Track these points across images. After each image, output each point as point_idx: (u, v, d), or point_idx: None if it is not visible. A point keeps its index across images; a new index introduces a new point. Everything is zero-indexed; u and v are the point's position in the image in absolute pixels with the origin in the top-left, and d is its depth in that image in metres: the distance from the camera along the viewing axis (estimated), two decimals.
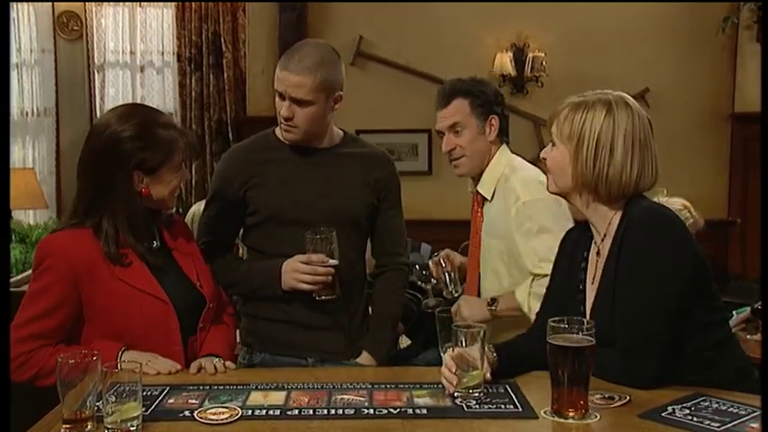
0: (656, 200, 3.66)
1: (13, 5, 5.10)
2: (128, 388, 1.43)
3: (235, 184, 2.12)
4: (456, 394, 1.56)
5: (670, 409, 1.45)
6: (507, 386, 1.63)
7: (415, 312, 2.82)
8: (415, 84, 5.01)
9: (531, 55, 4.95)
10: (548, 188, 1.74)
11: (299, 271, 2.00)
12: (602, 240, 1.68)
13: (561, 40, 4.99)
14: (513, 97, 5.00)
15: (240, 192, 2.11)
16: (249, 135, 4.84)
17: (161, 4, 5.29)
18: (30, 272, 3.21)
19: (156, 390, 1.61)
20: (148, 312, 1.80)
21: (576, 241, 1.78)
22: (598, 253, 1.70)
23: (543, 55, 4.95)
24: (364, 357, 2.12)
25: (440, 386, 1.62)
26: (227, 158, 2.19)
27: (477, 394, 1.55)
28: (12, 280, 3.01)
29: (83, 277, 1.77)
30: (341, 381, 1.67)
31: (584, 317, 1.65)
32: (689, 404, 1.47)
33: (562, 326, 1.47)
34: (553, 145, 1.70)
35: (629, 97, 1.70)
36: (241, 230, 2.23)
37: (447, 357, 1.58)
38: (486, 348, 1.58)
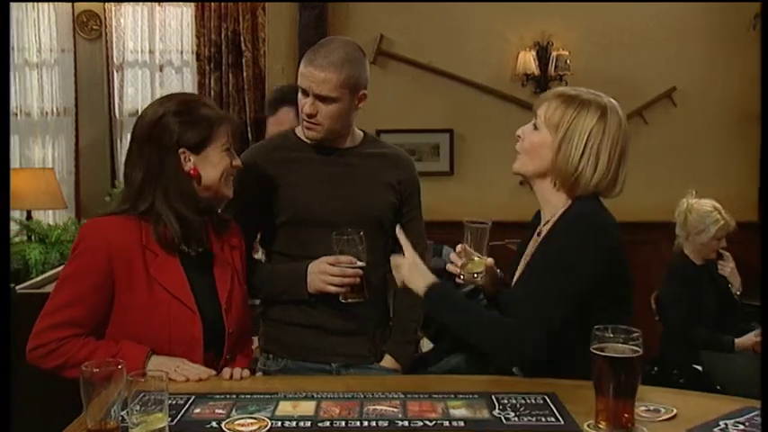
0: (684, 201, 3.59)
1: (34, 5, 5.10)
2: (154, 397, 1.38)
3: (256, 184, 2.06)
4: (461, 277, 1.79)
5: (722, 424, 1.37)
6: (546, 397, 1.56)
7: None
8: (437, 83, 4.94)
9: (554, 53, 4.85)
10: (515, 168, 1.78)
11: (326, 273, 1.95)
12: (545, 224, 1.75)
13: (586, 38, 4.88)
14: (537, 96, 4.91)
15: (262, 192, 2.06)
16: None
17: (180, 3, 5.26)
18: (50, 272, 3.21)
19: (180, 399, 1.56)
20: (175, 319, 1.75)
21: (532, 228, 1.86)
22: (539, 234, 1.76)
23: (567, 53, 4.85)
24: (387, 361, 2.08)
25: (476, 396, 1.57)
26: (248, 158, 2.11)
27: (479, 279, 1.79)
28: (33, 281, 2.98)
29: (117, 269, 1.73)
30: (372, 390, 1.61)
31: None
32: (742, 419, 1.39)
33: (607, 335, 1.40)
34: (535, 128, 1.72)
35: (619, 106, 1.75)
36: (259, 233, 2.18)
37: (458, 247, 1.77)
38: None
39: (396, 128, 4.62)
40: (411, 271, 1.82)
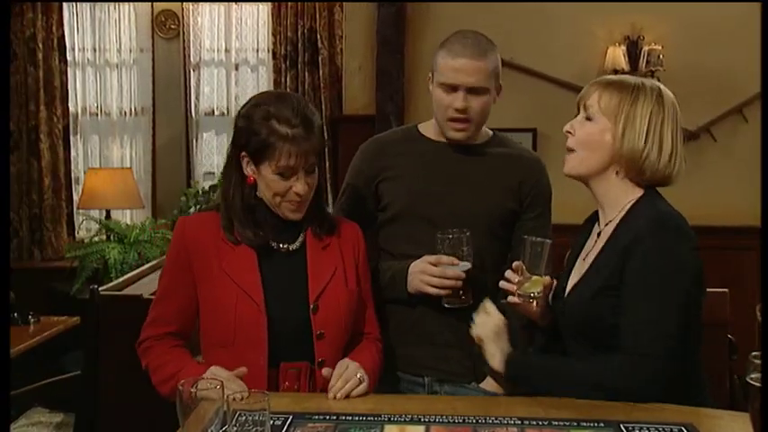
0: None
1: (115, 6, 5.13)
2: (253, 418, 1.28)
3: (368, 175, 2.00)
4: (516, 297, 1.66)
5: None
6: (684, 429, 1.40)
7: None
8: (520, 80, 4.74)
9: (646, 48, 4.58)
10: (570, 170, 1.65)
11: (426, 272, 1.85)
12: (607, 225, 1.65)
13: (680, 30, 4.60)
14: None
15: (372, 184, 1.99)
16: (345, 134, 4.61)
17: (257, 1, 5.21)
18: (130, 273, 3.18)
19: (278, 419, 1.45)
20: (241, 313, 1.66)
21: (585, 227, 1.78)
22: (599, 234, 1.67)
23: (660, 48, 4.58)
24: (489, 384, 1.91)
25: (602, 424, 1.41)
26: (364, 149, 2.07)
27: (536, 301, 1.65)
28: (114, 283, 2.95)
29: (195, 263, 1.70)
30: (484, 414, 1.47)
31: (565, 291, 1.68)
32: None
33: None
34: (588, 119, 1.63)
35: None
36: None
37: (514, 264, 1.66)
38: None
39: None
40: (497, 335, 1.68)
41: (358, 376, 1.62)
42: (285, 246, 1.75)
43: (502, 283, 1.68)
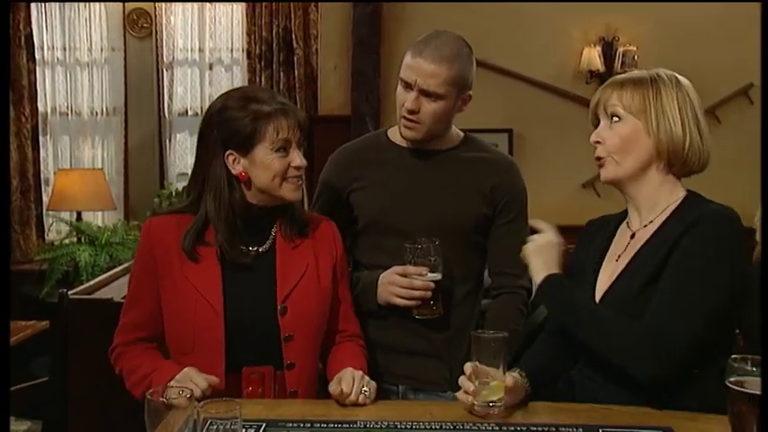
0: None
1: (86, 4, 5.03)
2: (225, 426, 1.24)
3: (339, 186, 1.95)
4: (475, 407, 1.45)
5: None
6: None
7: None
8: (496, 81, 4.74)
9: (621, 49, 4.63)
10: (608, 176, 1.57)
11: (394, 284, 1.81)
12: (646, 226, 1.57)
13: (655, 31, 4.64)
14: None
15: (343, 195, 1.94)
16: (321, 134, 4.54)
17: (231, 0, 5.15)
18: (101, 276, 3.12)
19: (251, 427, 1.41)
20: (199, 319, 1.62)
21: (600, 231, 1.69)
22: (633, 236, 1.59)
23: (635, 49, 4.62)
24: None
25: (580, 429, 1.40)
26: (333, 159, 2.02)
27: (497, 410, 1.44)
28: (85, 286, 2.88)
29: (160, 267, 1.66)
30: (461, 420, 1.45)
31: (593, 295, 1.57)
32: None
33: (746, 367, 1.22)
34: (617, 119, 1.55)
35: None
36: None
37: (466, 367, 1.48)
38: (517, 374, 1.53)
39: None
40: (539, 250, 1.64)
41: (364, 392, 1.56)
42: (254, 248, 1.70)
43: (458, 395, 1.50)
